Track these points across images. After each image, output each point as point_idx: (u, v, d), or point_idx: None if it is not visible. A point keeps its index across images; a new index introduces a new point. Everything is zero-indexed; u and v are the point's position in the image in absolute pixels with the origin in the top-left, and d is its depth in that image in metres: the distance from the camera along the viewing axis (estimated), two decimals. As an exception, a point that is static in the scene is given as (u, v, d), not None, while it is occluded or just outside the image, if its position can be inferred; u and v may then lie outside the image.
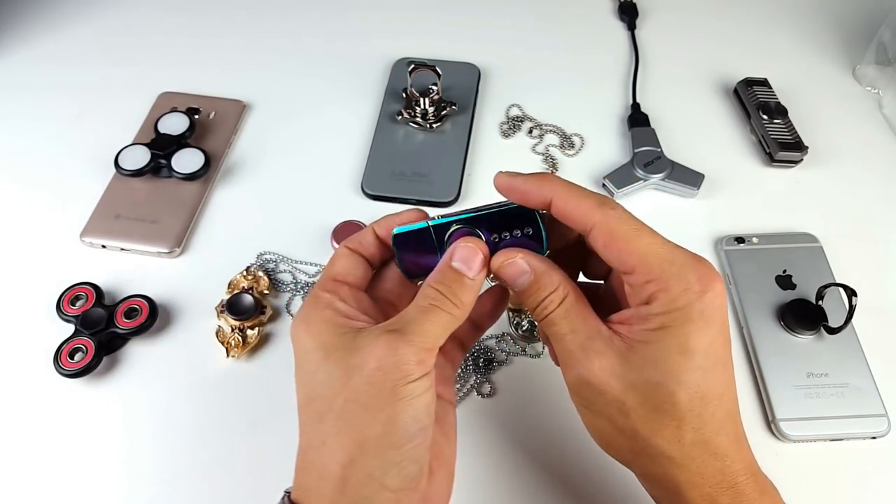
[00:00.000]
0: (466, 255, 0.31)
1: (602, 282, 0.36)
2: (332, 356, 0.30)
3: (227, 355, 0.46)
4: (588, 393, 0.31)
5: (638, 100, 0.62)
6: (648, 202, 0.56)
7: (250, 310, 0.47)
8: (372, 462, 0.29)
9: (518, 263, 0.32)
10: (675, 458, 0.30)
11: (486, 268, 0.32)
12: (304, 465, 0.31)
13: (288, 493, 0.32)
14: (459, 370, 0.46)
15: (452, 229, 0.33)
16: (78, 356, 0.45)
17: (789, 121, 0.59)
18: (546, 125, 0.61)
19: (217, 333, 0.47)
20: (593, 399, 0.31)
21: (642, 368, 0.29)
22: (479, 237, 0.33)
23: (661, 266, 0.29)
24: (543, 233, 0.33)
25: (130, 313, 0.47)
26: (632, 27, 0.69)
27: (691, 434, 0.29)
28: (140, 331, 0.46)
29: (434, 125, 0.59)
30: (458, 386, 0.46)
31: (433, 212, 0.35)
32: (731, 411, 0.31)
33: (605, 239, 0.30)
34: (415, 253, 0.33)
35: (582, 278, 0.36)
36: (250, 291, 0.49)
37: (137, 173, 0.54)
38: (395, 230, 0.33)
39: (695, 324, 0.29)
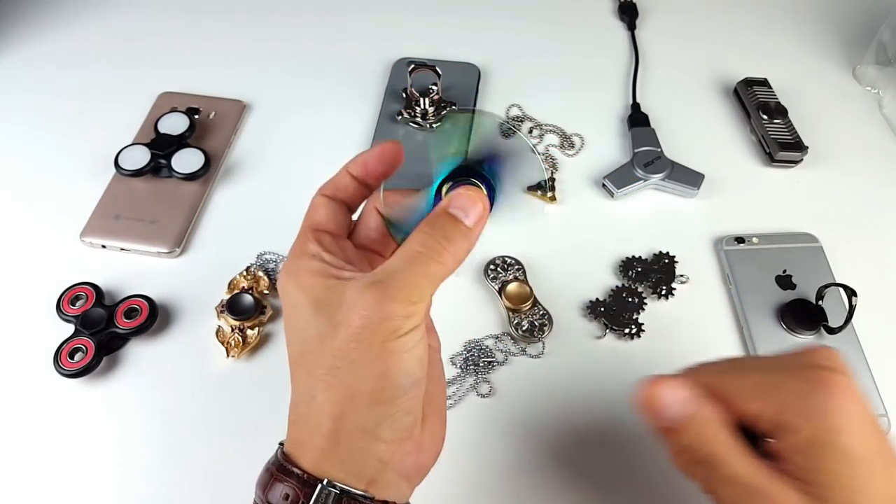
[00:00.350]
0: (464, 202, 0.29)
1: None
2: (321, 311, 0.29)
3: (227, 355, 0.46)
4: None
5: (638, 100, 0.62)
6: (648, 202, 0.56)
7: (250, 310, 0.47)
8: (364, 416, 0.28)
9: (667, 394, 0.30)
10: None
11: (485, 219, 0.30)
12: (296, 418, 0.31)
13: (282, 444, 0.32)
14: (458, 370, 0.46)
15: (448, 185, 0.31)
16: (78, 356, 0.45)
17: (789, 121, 0.59)
18: (546, 125, 0.61)
19: (217, 333, 0.47)
20: None
21: (822, 497, 0.27)
22: (480, 188, 0.30)
23: (769, 391, 0.29)
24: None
25: (130, 313, 0.47)
26: (632, 27, 0.69)
27: None
28: (140, 331, 0.46)
29: (434, 125, 0.59)
30: (455, 387, 0.46)
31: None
32: None
33: (746, 395, 0.29)
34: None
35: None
36: (250, 291, 0.49)
37: (137, 173, 0.54)
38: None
39: (834, 430, 0.27)
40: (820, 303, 0.47)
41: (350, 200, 0.33)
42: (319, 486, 0.28)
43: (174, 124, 0.57)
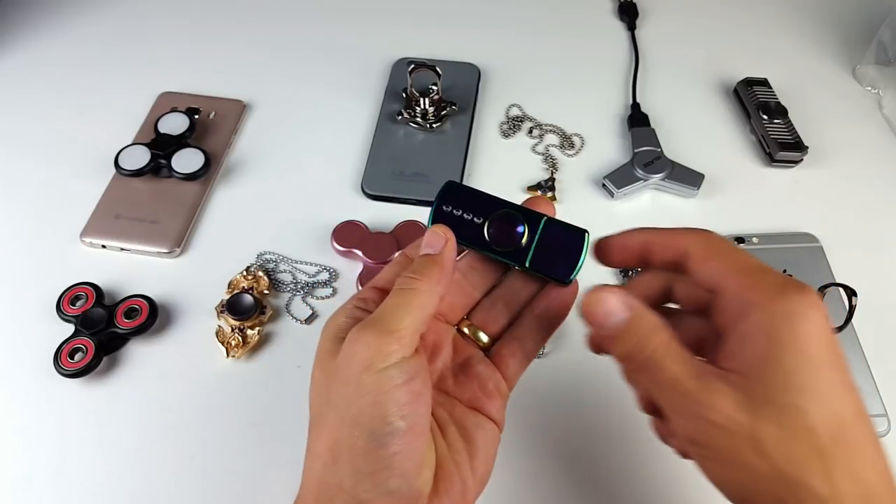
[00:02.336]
0: (430, 238, 0.31)
1: None
2: (321, 359, 0.29)
3: (227, 355, 0.46)
4: (716, 438, 0.26)
5: (638, 100, 0.62)
6: (648, 202, 0.56)
7: (250, 310, 0.47)
8: (343, 469, 0.27)
9: (609, 300, 0.28)
10: (828, 499, 0.25)
11: (454, 248, 0.31)
12: (303, 473, 0.30)
13: None
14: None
15: (500, 211, 0.32)
16: (78, 356, 0.45)
17: (789, 121, 0.59)
18: (546, 125, 0.61)
19: (217, 333, 0.47)
20: (722, 445, 0.26)
21: (765, 395, 0.25)
22: (522, 230, 0.32)
23: (755, 275, 0.27)
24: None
25: (130, 313, 0.47)
26: (632, 27, 0.69)
27: (835, 464, 0.25)
28: (140, 331, 0.46)
29: (434, 125, 0.59)
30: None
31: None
32: (874, 440, 0.26)
33: (700, 256, 0.28)
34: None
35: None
36: (250, 291, 0.49)
37: (137, 173, 0.54)
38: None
39: (805, 332, 0.25)
40: (820, 303, 0.47)
41: None
42: None
43: (174, 124, 0.57)
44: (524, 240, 0.32)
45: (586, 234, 0.32)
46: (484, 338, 0.34)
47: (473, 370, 0.33)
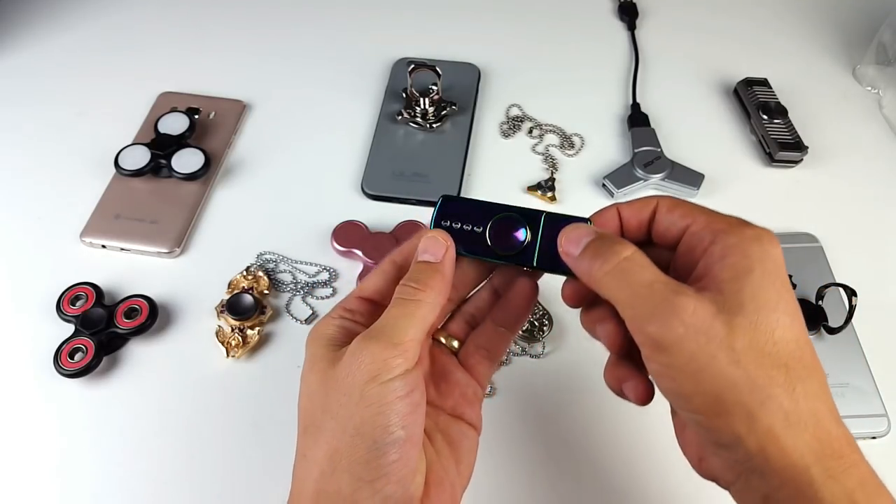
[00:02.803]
0: (427, 245, 0.31)
1: None
2: (316, 367, 0.29)
3: (227, 355, 0.46)
4: (689, 343, 0.25)
5: (638, 100, 0.62)
6: (648, 202, 0.56)
7: (250, 310, 0.47)
8: (341, 477, 0.27)
9: (579, 228, 0.30)
10: (792, 413, 0.25)
11: (453, 256, 0.31)
12: (293, 478, 0.30)
13: None
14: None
15: (498, 215, 0.32)
16: (78, 356, 0.45)
17: (789, 121, 0.59)
18: (546, 125, 0.61)
19: (217, 333, 0.47)
20: (695, 350, 0.25)
21: (741, 305, 0.26)
22: (523, 222, 0.32)
23: (722, 215, 0.29)
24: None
25: (130, 313, 0.47)
26: (632, 27, 0.69)
27: (803, 383, 0.25)
28: (140, 331, 0.46)
29: (434, 125, 0.59)
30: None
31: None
32: (821, 370, 0.27)
33: (668, 205, 0.30)
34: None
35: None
36: (250, 291, 0.49)
37: (137, 173, 0.54)
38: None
39: (769, 256, 0.27)
40: (820, 303, 0.47)
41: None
42: None
43: (174, 124, 0.57)
44: (527, 240, 0.32)
45: (588, 223, 0.32)
46: (455, 345, 0.35)
47: (453, 378, 0.34)
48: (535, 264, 0.32)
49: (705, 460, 0.29)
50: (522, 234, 0.32)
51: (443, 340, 0.35)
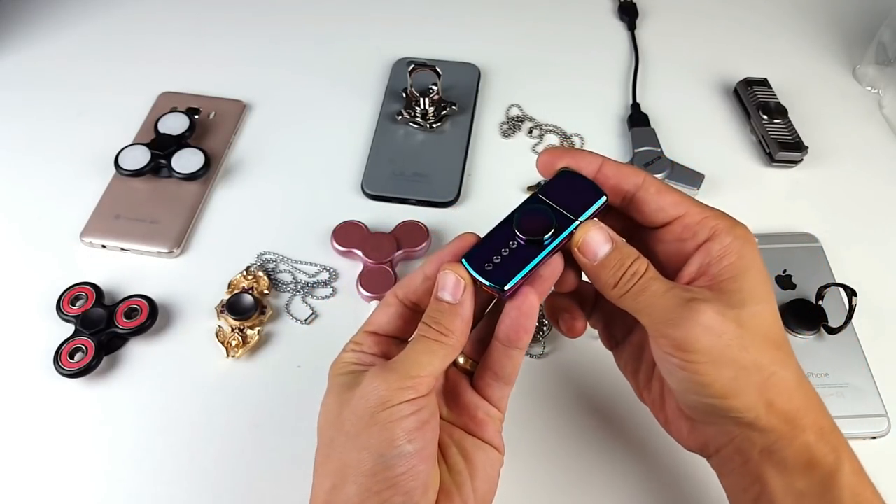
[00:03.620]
0: (445, 282, 0.31)
1: None
2: (333, 392, 0.31)
3: (227, 355, 0.46)
4: (707, 341, 0.29)
5: (638, 100, 0.62)
6: (648, 202, 0.56)
7: (250, 310, 0.47)
8: (350, 489, 0.29)
9: (597, 235, 0.32)
10: (790, 383, 0.31)
11: (472, 290, 0.31)
12: (312, 491, 0.32)
13: None
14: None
15: (516, 219, 0.32)
16: (78, 356, 0.45)
17: (789, 121, 0.59)
18: (546, 125, 0.61)
19: (217, 333, 0.47)
20: (713, 344, 0.29)
21: (742, 301, 0.30)
22: (548, 212, 0.32)
23: (707, 206, 0.32)
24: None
25: (130, 313, 0.47)
26: (632, 27, 0.69)
27: (788, 357, 0.31)
28: (140, 331, 0.46)
29: (434, 125, 0.59)
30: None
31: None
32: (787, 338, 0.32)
33: (657, 187, 0.32)
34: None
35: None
36: (250, 291, 0.49)
37: (137, 173, 0.54)
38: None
39: (756, 254, 0.31)
40: (820, 303, 0.47)
41: (422, 301, 0.33)
42: None
43: (174, 124, 0.57)
44: (550, 212, 0.32)
45: (568, 169, 0.33)
46: (470, 366, 0.36)
47: (462, 400, 0.34)
48: (580, 218, 0.32)
49: (695, 432, 0.34)
50: (544, 214, 0.32)
51: (460, 361, 0.35)
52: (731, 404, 0.30)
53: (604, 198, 0.32)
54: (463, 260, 0.32)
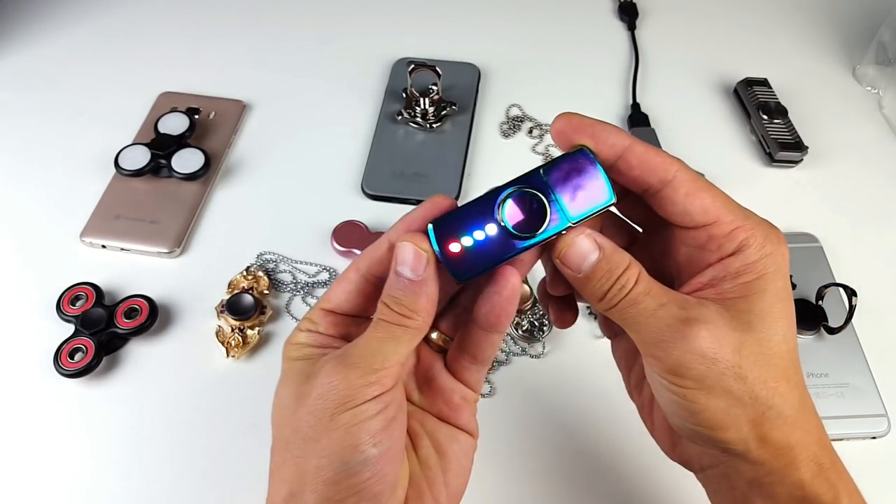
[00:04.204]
0: (404, 255, 0.27)
1: None
2: (288, 381, 0.28)
3: (227, 355, 0.46)
4: (700, 367, 0.26)
5: (638, 100, 0.62)
6: (648, 202, 0.56)
7: (250, 310, 0.47)
8: (309, 498, 0.26)
9: (583, 243, 0.27)
10: (790, 417, 0.27)
11: (431, 263, 0.27)
12: (268, 495, 0.29)
13: None
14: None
15: (502, 197, 0.27)
16: (78, 356, 0.45)
17: (789, 121, 0.59)
18: (546, 125, 0.61)
19: (217, 333, 0.47)
20: (706, 373, 0.26)
21: (749, 323, 0.27)
22: (542, 201, 0.27)
23: (744, 213, 0.28)
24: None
25: (130, 313, 0.47)
26: (632, 27, 0.69)
27: (795, 388, 0.27)
28: (140, 331, 0.46)
29: (434, 125, 0.59)
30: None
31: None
32: (801, 371, 0.29)
33: (688, 187, 0.28)
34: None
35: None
36: (250, 291, 0.49)
37: (137, 173, 0.54)
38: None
39: (781, 271, 0.28)
40: (820, 303, 0.47)
41: (388, 274, 0.29)
42: None
43: (174, 124, 0.57)
44: (545, 202, 0.27)
45: (586, 150, 0.28)
46: (445, 343, 0.32)
47: (436, 383, 0.31)
48: (571, 220, 0.27)
49: (680, 446, 0.31)
50: (537, 202, 0.27)
51: (433, 338, 0.32)
52: (719, 436, 0.27)
53: (610, 201, 0.28)
54: (430, 227, 0.27)
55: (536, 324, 0.48)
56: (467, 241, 0.27)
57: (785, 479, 0.28)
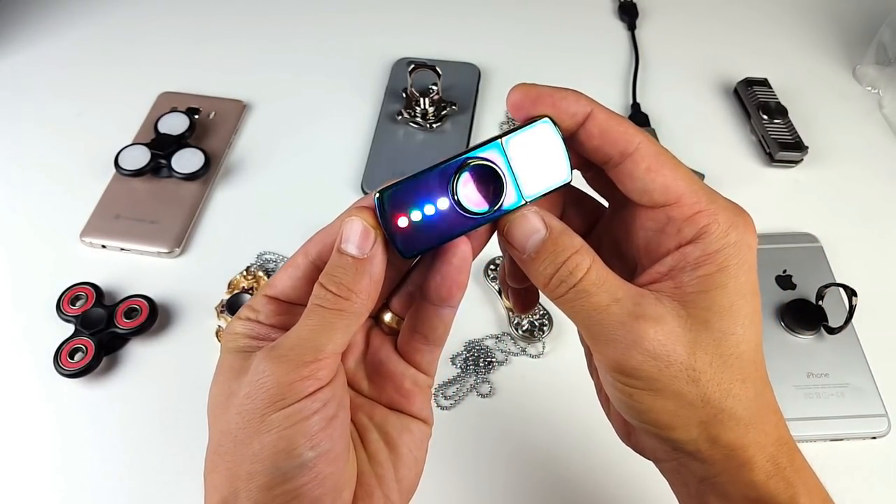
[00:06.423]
0: (350, 231, 0.25)
1: None
2: (221, 376, 0.26)
3: (227, 355, 0.46)
4: (650, 370, 0.24)
5: (638, 100, 0.62)
6: (648, 202, 0.56)
7: (250, 310, 0.47)
8: None
9: (529, 220, 0.25)
10: (743, 418, 0.25)
11: (383, 248, 0.25)
12: (204, 501, 0.27)
13: None
14: (459, 371, 0.46)
15: (456, 170, 0.26)
16: (78, 356, 0.45)
17: (789, 121, 0.59)
18: (546, 125, 0.61)
19: (217, 333, 0.47)
20: (656, 375, 0.24)
21: (707, 322, 0.25)
22: (499, 175, 0.26)
23: (710, 195, 0.25)
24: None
25: (130, 313, 0.47)
26: (632, 27, 0.69)
27: (752, 388, 0.25)
28: (140, 331, 0.46)
29: (434, 125, 0.59)
30: (456, 387, 0.46)
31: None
32: (765, 369, 0.26)
33: (650, 162, 0.25)
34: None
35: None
36: (250, 291, 0.49)
37: (137, 173, 0.54)
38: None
39: (745, 264, 0.25)
40: (820, 303, 0.47)
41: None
42: None
43: (174, 124, 0.57)
44: (503, 177, 0.26)
45: (548, 119, 0.26)
46: (398, 324, 0.30)
47: (386, 369, 0.29)
48: (524, 198, 0.26)
49: (635, 436, 0.30)
50: (493, 176, 0.26)
51: (386, 320, 0.29)
52: (667, 435, 0.26)
53: (567, 180, 0.26)
54: (376, 198, 0.25)
55: (536, 324, 0.48)
56: (416, 215, 0.25)
57: (737, 479, 0.26)
